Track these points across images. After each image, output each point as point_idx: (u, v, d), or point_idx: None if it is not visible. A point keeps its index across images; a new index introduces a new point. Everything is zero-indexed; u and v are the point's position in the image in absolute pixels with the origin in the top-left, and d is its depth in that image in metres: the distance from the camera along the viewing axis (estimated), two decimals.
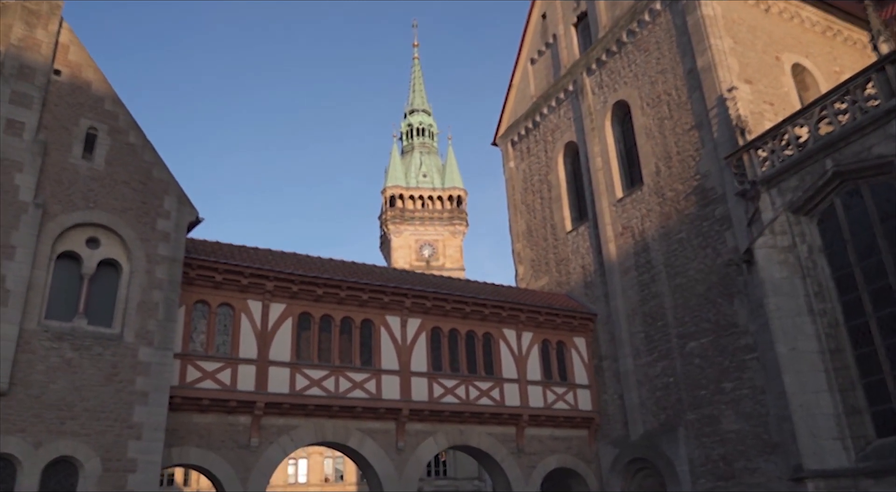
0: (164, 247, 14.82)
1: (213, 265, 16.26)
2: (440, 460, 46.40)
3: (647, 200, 20.46)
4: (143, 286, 14.29)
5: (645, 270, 20.09)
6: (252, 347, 16.57)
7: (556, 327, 21.15)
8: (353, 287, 17.90)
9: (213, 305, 16.47)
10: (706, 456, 17.27)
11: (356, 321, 18.13)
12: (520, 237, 26.25)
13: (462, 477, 45.19)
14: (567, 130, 24.54)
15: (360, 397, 17.43)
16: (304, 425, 16.95)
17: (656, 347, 19.31)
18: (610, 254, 21.34)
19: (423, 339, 18.97)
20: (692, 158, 19.04)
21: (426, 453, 18.35)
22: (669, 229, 19.45)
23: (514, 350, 20.27)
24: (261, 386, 16.30)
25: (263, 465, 16.15)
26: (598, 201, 22.12)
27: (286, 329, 17.15)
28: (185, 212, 15.39)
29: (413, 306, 18.87)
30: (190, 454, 15.45)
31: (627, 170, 22.08)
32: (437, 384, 18.67)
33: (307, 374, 16.99)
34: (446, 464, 45.72)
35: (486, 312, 19.86)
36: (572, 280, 23.13)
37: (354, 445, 17.44)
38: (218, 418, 15.97)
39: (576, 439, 20.75)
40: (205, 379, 15.75)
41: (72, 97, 14.60)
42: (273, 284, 17.01)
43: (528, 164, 26.58)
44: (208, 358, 15.95)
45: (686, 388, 18.15)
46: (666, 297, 19.22)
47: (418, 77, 72.30)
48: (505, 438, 19.62)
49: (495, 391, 19.48)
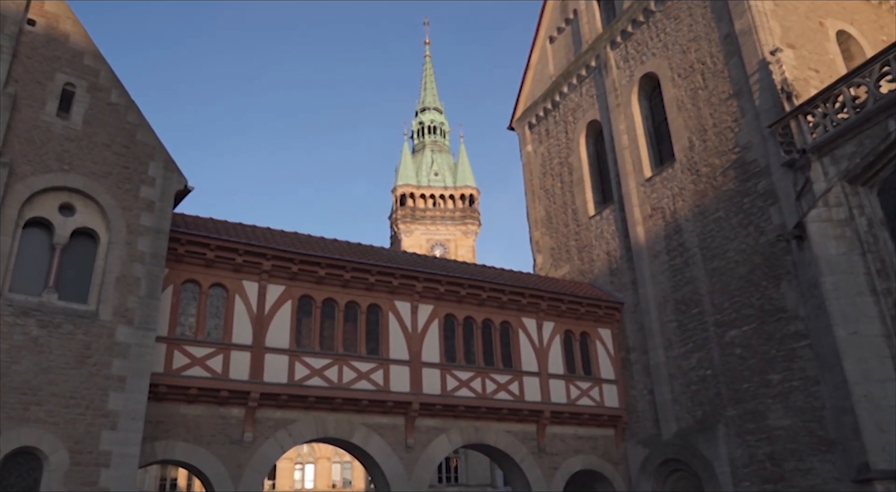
0: (147, 217, 13.31)
1: (205, 241, 14.74)
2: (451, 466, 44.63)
3: (679, 177, 18.78)
4: (122, 259, 12.78)
5: (677, 254, 18.39)
6: (247, 333, 15.01)
7: (579, 317, 19.46)
8: (358, 268, 16.32)
9: (204, 285, 14.93)
10: (750, 456, 15.50)
11: (362, 306, 16.54)
12: (538, 225, 24.61)
13: (474, 484, 43.35)
14: (589, 108, 22.92)
15: (365, 388, 15.81)
16: (303, 419, 15.34)
17: (691, 337, 17.58)
18: (638, 238, 19.67)
19: (436, 327, 17.35)
20: (730, 130, 17.35)
21: (438, 452, 16.69)
22: (705, 208, 17.75)
23: (534, 341, 18.60)
24: (256, 375, 14.72)
25: (258, 462, 14.54)
26: (625, 182, 20.47)
27: (285, 313, 15.58)
28: (173, 179, 13.89)
29: (424, 291, 17.25)
30: (176, 449, 13.87)
31: (656, 147, 20.43)
32: (451, 376, 17.03)
33: (307, 362, 15.39)
34: (458, 469, 43.91)
35: (503, 299, 18.22)
36: (596, 268, 21.46)
37: (359, 441, 15.80)
38: (208, 410, 14.40)
39: (601, 438, 19.01)
40: (193, 366, 14.19)
41: (47, 50, 13.15)
42: (271, 263, 15.46)
43: (546, 147, 24.97)
44: (198, 343, 14.40)
45: (726, 381, 16.40)
46: (701, 282, 17.50)
47: (430, 75, 71.01)
48: (525, 436, 17.92)
49: (514, 385, 17.80)
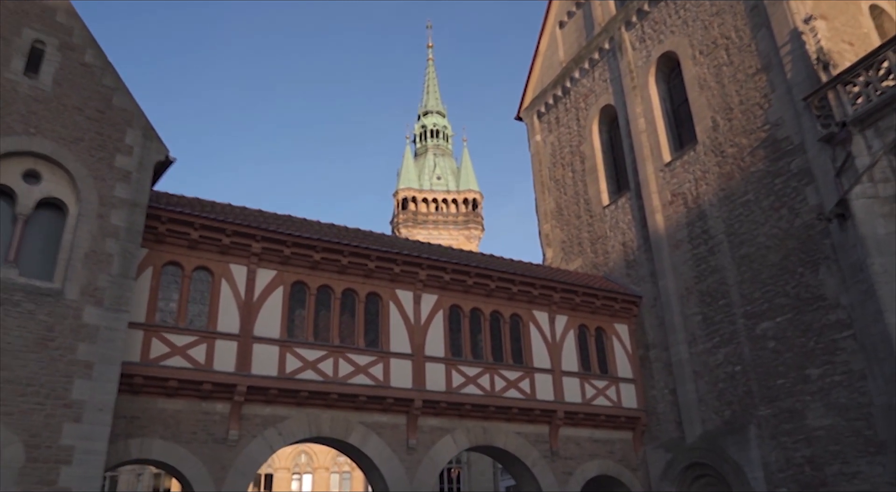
0: (123, 188, 12.01)
1: (188, 219, 13.43)
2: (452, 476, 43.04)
3: (702, 160, 17.48)
4: (93, 233, 11.46)
5: (701, 242, 17.06)
6: (234, 320, 13.67)
7: (594, 311, 18.09)
8: (356, 253, 15.00)
9: (187, 268, 13.61)
10: (786, 459, 14.09)
11: (360, 295, 15.20)
12: (548, 217, 23.29)
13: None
14: (603, 93, 21.68)
15: (363, 383, 14.44)
16: (294, 416, 13.95)
17: (717, 330, 16.21)
18: (657, 226, 18.34)
19: (440, 318, 15.99)
20: (759, 107, 16.08)
21: (443, 454, 15.28)
22: (731, 191, 16.43)
23: (546, 336, 17.23)
24: (243, 367, 13.37)
25: (244, 463, 13.15)
26: (642, 168, 19.17)
27: (276, 300, 14.24)
28: (152, 149, 12.61)
29: (428, 279, 15.91)
30: (152, 448, 12.48)
31: (675, 130, 19.16)
32: (457, 372, 15.65)
33: (300, 354, 14.04)
34: (460, 479, 42.34)
35: (513, 290, 16.86)
36: (611, 260, 20.12)
37: (356, 442, 14.40)
38: (189, 405, 13.03)
39: (619, 441, 17.59)
40: (173, 355, 12.84)
41: (13, 2, 11.92)
42: (261, 245, 14.14)
43: (556, 136, 23.71)
44: (179, 331, 13.05)
45: (757, 377, 15.01)
46: (729, 271, 16.15)
47: (432, 78, 69.87)
48: (536, 438, 16.50)
49: (524, 382, 16.41)
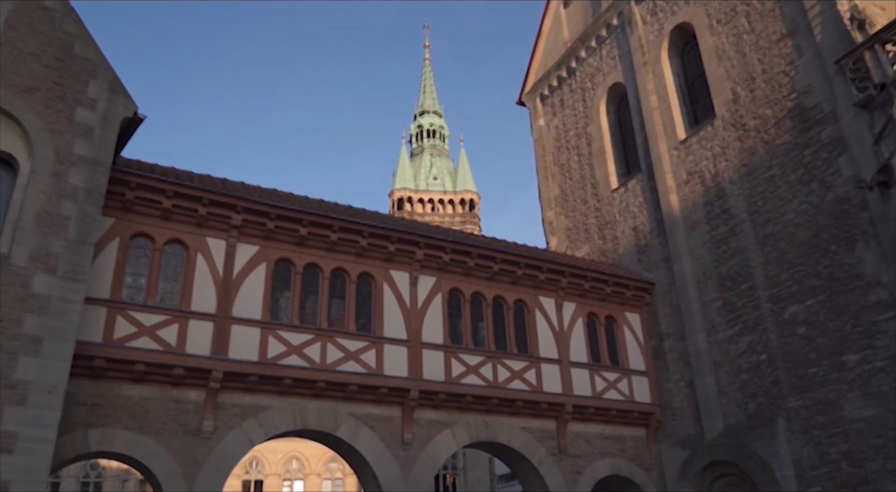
0: (83, 145, 10.68)
1: (160, 186, 12.09)
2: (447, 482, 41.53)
3: (720, 135, 16.25)
4: (47, 193, 10.12)
5: (720, 222, 15.79)
6: (210, 299, 12.32)
7: (604, 298, 16.79)
8: (348, 228, 13.68)
9: (158, 240, 12.26)
10: (820, 455, 12.77)
11: (351, 275, 13.88)
12: (552, 204, 22.02)
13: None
14: (611, 71, 20.47)
15: (354, 371, 13.09)
16: (277, 407, 12.58)
17: (739, 317, 14.92)
18: (671, 208, 17.08)
19: (439, 302, 14.66)
20: (784, 74, 14.86)
21: (441, 451, 13.90)
22: (754, 167, 15.19)
23: (553, 324, 15.91)
24: (219, 350, 12.01)
25: (219, 458, 11.76)
26: (654, 147, 17.93)
27: (257, 278, 12.90)
28: (118, 104, 11.28)
29: (426, 260, 14.59)
30: (115, 440, 11.08)
31: (690, 107, 17.94)
32: (457, 361, 14.31)
33: (283, 338, 12.69)
34: (455, 485, 40.82)
35: (518, 273, 15.56)
36: (620, 246, 18.84)
37: (346, 436, 13.03)
38: (158, 392, 11.66)
39: (630, 439, 16.24)
40: (141, 336, 11.47)
41: None
42: (241, 217, 12.81)
43: (561, 118, 22.48)
44: (148, 309, 11.69)
45: (786, 366, 13.71)
46: (752, 252, 14.88)
47: (429, 78, 68.93)
48: (543, 434, 15.15)
49: (530, 373, 15.08)
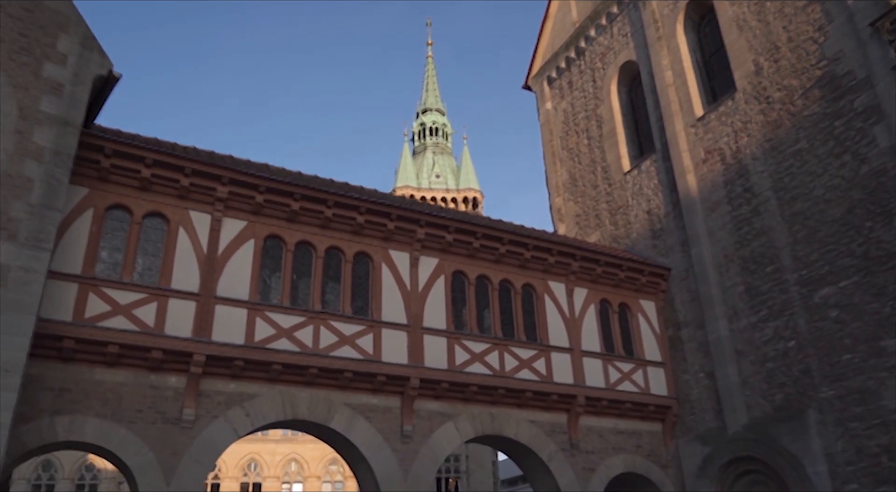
0: (51, 102, 9.71)
1: (138, 153, 11.12)
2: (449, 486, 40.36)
3: (742, 109, 15.24)
4: (9, 152, 9.14)
5: (743, 202, 14.77)
6: (192, 277, 11.33)
7: (617, 284, 15.76)
8: (343, 204, 12.69)
9: (136, 212, 11.29)
10: (857, 449, 11.72)
11: (347, 254, 12.88)
12: (560, 190, 21.02)
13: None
14: (623, 48, 19.49)
15: (349, 357, 12.08)
16: (265, 395, 11.56)
17: (765, 301, 13.88)
18: (688, 188, 16.06)
19: (441, 285, 13.66)
20: (812, 41, 13.86)
21: (443, 445, 12.86)
22: (780, 141, 14.18)
23: (563, 310, 14.89)
24: (202, 332, 11.01)
25: (201, 449, 10.74)
26: (670, 125, 16.93)
27: (245, 255, 11.92)
28: (92, 61, 10.32)
29: (428, 239, 13.60)
30: (86, 428, 10.08)
31: (707, 83, 16.94)
32: (460, 348, 13.29)
33: (272, 320, 11.69)
34: (458, 488, 39.68)
35: (526, 256, 14.55)
36: (633, 231, 17.82)
37: (340, 427, 12.00)
38: (134, 376, 10.66)
39: (647, 434, 15.18)
40: (115, 315, 10.48)
41: None
42: (227, 189, 11.83)
43: (569, 101, 21.49)
44: (123, 286, 10.70)
45: (817, 353, 12.67)
46: (778, 232, 13.86)
47: (432, 76, 67.88)
48: (553, 428, 14.11)
49: (539, 362, 14.05)
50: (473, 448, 39.85)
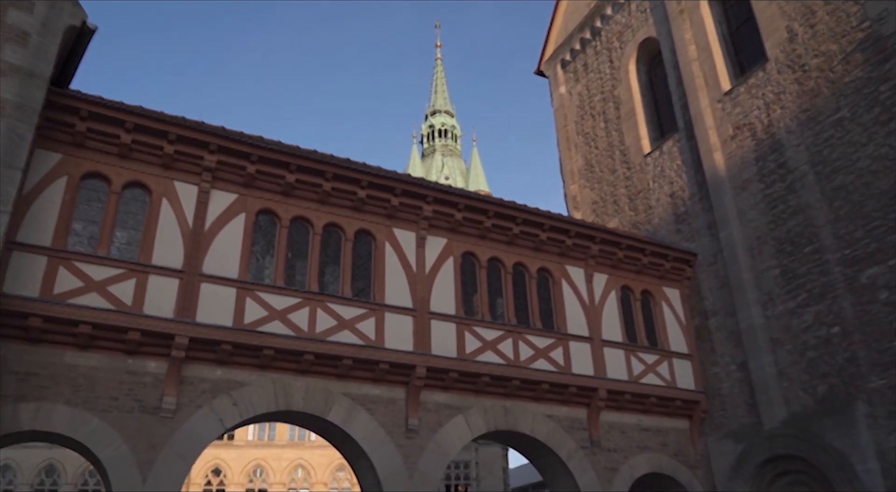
0: (15, 51, 8.75)
1: (119, 116, 10.14)
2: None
3: (774, 80, 14.13)
4: None
5: (777, 178, 13.63)
6: (175, 252, 10.30)
7: (639, 270, 14.64)
8: (343, 176, 11.65)
9: (115, 182, 10.29)
10: None
11: (347, 232, 11.83)
12: (575, 176, 19.92)
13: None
14: (642, 25, 18.43)
15: (349, 342, 11.00)
16: (256, 383, 10.49)
17: (803, 285, 12.71)
18: (716, 167, 14.93)
19: (450, 267, 12.58)
20: (853, 2, 12.75)
21: (453, 440, 11.73)
22: (818, 111, 13.04)
23: (582, 297, 13.77)
24: (186, 312, 9.97)
25: (182, 442, 9.67)
26: (694, 101, 15.82)
27: (234, 231, 10.89)
28: (63, 10, 9.36)
29: (435, 217, 12.53)
30: (53, 417, 9.04)
31: (734, 56, 15.84)
32: (471, 334, 12.19)
33: (264, 300, 10.63)
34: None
35: (542, 237, 13.45)
36: (655, 216, 16.69)
37: (338, 419, 10.89)
38: (109, 360, 9.62)
39: (673, 431, 14.00)
40: (88, 292, 9.46)
41: None
42: (216, 158, 10.82)
43: (585, 84, 20.43)
44: (98, 260, 9.69)
45: (865, 340, 11.47)
46: (817, 208, 12.70)
47: (440, 78, 67.25)
48: (572, 424, 12.96)
49: (557, 352, 12.92)
50: (484, 454, 38.64)
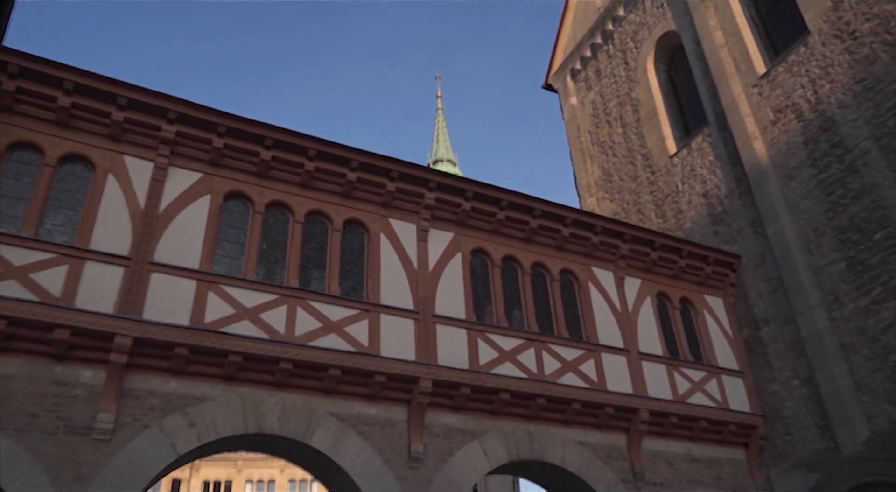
0: None
1: (57, 74, 8.45)
2: None
3: (819, 53, 12.49)
4: None
5: (832, 160, 11.81)
6: (122, 236, 8.41)
7: (675, 275, 12.66)
8: (329, 156, 9.86)
9: (50, 153, 8.50)
10: None
11: (335, 221, 9.96)
12: (592, 189, 18.13)
13: None
14: (659, 21, 17.00)
15: (336, 348, 8.95)
16: (219, 398, 8.40)
17: (877, 277, 10.70)
18: (756, 157, 13.14)
19: (458, 265, 10.63)
20: None
21: (467, 472, 9.50)
22: (876, 79, 11.32)
23: (613, 302, 11.75)
24: (130, 307, 8.00)
25: (120, 472, 7.51)
26: (726, 90, 14.17)
27: (197, 214, 9.02)
28: None
29: (439, 207, 10.67)
30: None
31: (765, 38, 14.29)
32: (485, 342, 10.14)
33: (231, 296, 8.67)
34: None
35: (563, 233, 11.54)
36: (688, 220, 14.80)
37: (324, 446, 8.73)
38: (29, 367, 7.59)
39: (728, 463, 11.71)
40: (3, 280, 7.53)
41: None
42: (176, 128, 9.06)
43: (598, 91, 18.90)
44: (20, 241, 7.79)
45: None
46: (886, 188, 10.82)
47: (442, 127, 66.69)
48: (609, 453, 10.71)
49: (588, 365, 10.82)
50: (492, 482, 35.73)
